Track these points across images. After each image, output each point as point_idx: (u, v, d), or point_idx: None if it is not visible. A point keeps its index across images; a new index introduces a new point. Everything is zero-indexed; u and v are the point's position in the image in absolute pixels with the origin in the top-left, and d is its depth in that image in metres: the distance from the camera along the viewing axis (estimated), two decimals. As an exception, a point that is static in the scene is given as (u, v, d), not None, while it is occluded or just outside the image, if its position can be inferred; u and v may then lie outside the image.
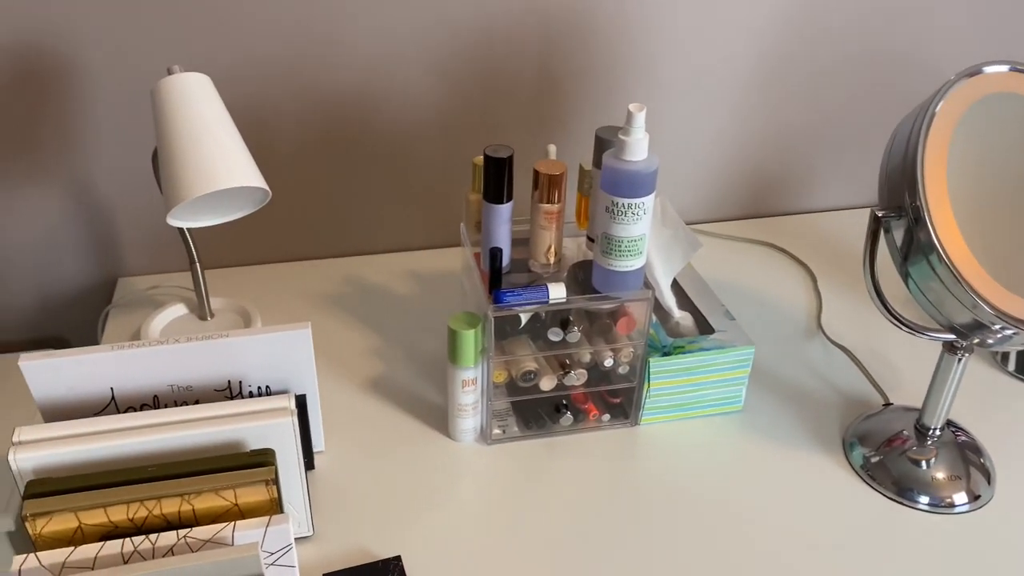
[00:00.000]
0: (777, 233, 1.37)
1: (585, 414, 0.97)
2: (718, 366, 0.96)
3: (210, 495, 0.73)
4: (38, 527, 0.70)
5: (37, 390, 0.78)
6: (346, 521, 0.86)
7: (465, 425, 0.95)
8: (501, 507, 0.88)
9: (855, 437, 0.97)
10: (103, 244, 1.20)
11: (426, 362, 1.08)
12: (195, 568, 0.67)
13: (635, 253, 0.87)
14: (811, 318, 1.18)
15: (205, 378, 0.82)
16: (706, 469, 0.93)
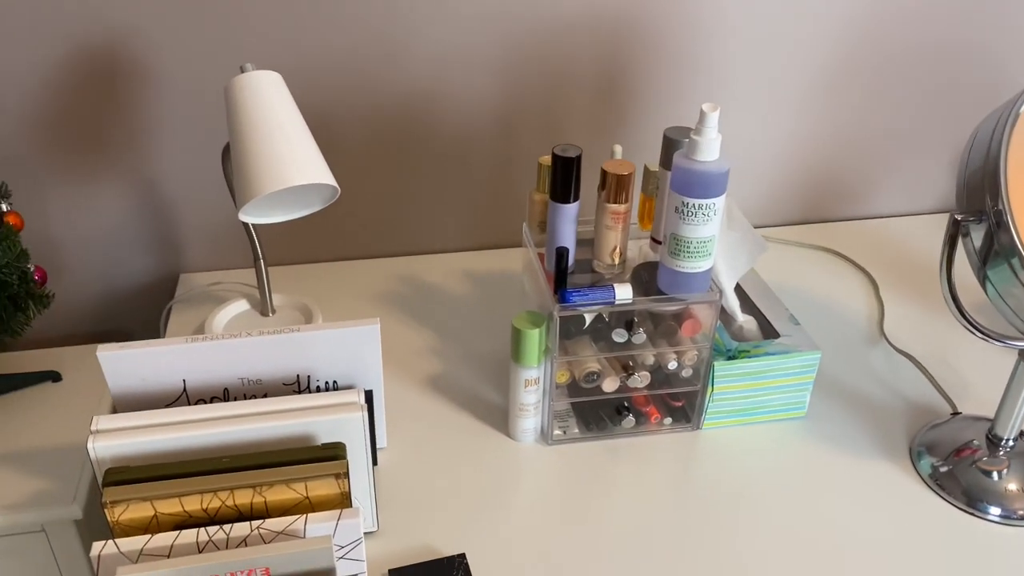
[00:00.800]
0: (837, 238, 1.35)
1: (647, 417, 0.97)
2: (783, 371, 0.95)
3: (281, 487, 0.73)
4: (116, 514, 0.71)
5: (112, 380, 0.79)
6: (409, 518, 0.87)
7: (526, 425, 0.94)
8: (563, 508, 0.88)
9: (922, 446, 0.96)
10: (167, 240, 1.22)
11: (485, 362, 1.08)
12: (269, 559, 0.68)
13: (704, 255, 0.86)
14: (873, 324, 1.16)
15: (274, 372, 0.83)
16: (769, 475, 0.92)
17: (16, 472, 1.00)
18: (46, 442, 1.04)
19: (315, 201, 0.95)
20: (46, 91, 1.08)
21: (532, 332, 0.87)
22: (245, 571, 0.68)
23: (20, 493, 0.97)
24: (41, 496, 0.97)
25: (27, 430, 1.06)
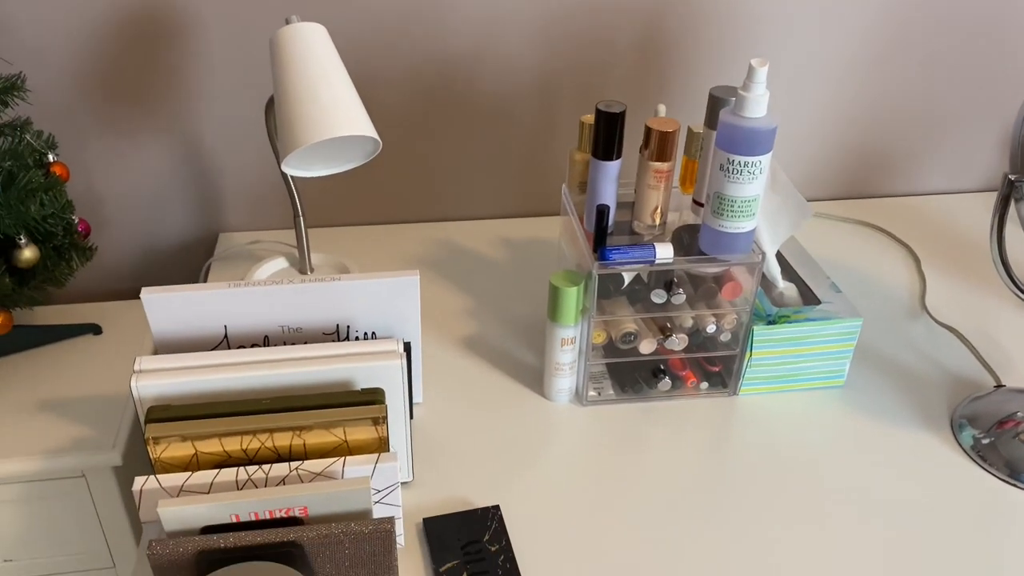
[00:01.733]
0: (879, 214, 1.33)
1: (683, 381, 0.96)
2: (823, 338, 0.94)
3: (321, 431, 0.74)
4: (158, 452, 0.72)
5: (155, 323, 0.80)
6: (444, 470, 0.87)
7: (561, 385, 0.94)
8: (596, 467, 0.88)
9: (964, 418, 0.94)
10: (207, 198, 1.23)
11: (521, 325, 1.08)
12: (307, 498, 0.69)
13: (747, 215, 0.85)
14: (915, 299, 1.14)
15: (315, 321, 0.83)
16: (806, 442, 0.91)
17: (58, 419, 1.02)
18: (87, 392, 1.06)
19: (356, 156, 0.95)
20: (92, 45, 1.09)
21: (570, 290, 0.87)
22: (283, 509, 0.69)
23: (61, 439, 0.99)
24: (82, 442, 0.99)
25: (68, 380, 1.08)
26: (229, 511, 0.68)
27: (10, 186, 0.96)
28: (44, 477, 0.98)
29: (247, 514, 0.68)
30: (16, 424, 1.01)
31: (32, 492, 1.00)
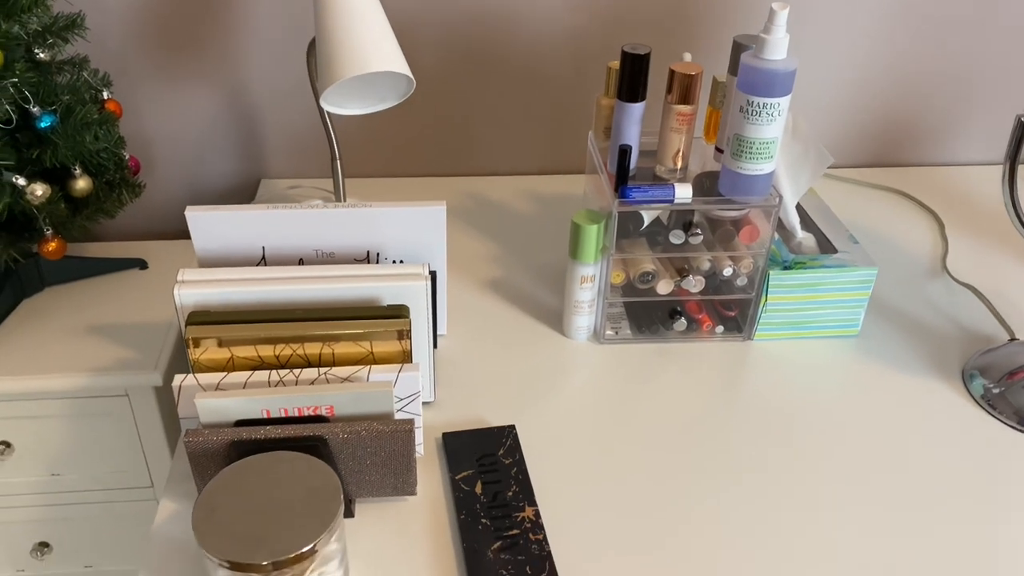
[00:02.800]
0: (906, 182, 1.34)
1: (699, 324, 0.99)
2: (839, 285, 0.96)
3: (348, 343, 0.78)
4: (197, 354, 0.77)
5: (198, 240, 0.85)
6: (464, 395, 0.91)
7: (580, 323, 0.98)
8: (610, 400, 0.91)
9: (975, 369, 0.96)
10: (250, 144, 1.29)
11: (544, 271, 1.11)
12: (334, 397, 0.73)
13: (766, 156, 0.88)
14: (936, 260, 1.16)
15: (347, 246, 0.88)
16: (818, 388, 0.94)
17: (104, 342, 1.08)
18: (132, 319, 1.12)
19: (391, 95, 0.99)
20: (147, -8, 1.15)
21: (590, 228, 0.90)
22: (311, 408, 0.74)
23: (107, 360, 1.05)
24: (126, 363, 1.05)
25: (115, 308, 1.14)
26: (261, 406, 0.73)
27: (68, 118, 1.02)
28: (90, 394, 1.05)
29: (278, 410, 0.73)
30: (65, 345, 1.07)
31: (78, 408, 1.06)
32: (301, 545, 0.62)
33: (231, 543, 0.62)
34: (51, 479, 1.12)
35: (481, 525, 0.75)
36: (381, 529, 0.76)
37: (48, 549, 1.18)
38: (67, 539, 1.18)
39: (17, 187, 0.98)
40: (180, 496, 0.78)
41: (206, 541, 0.63)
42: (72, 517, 1.16)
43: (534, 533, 0.74)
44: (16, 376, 1.02)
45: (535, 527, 0.75)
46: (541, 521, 0.76)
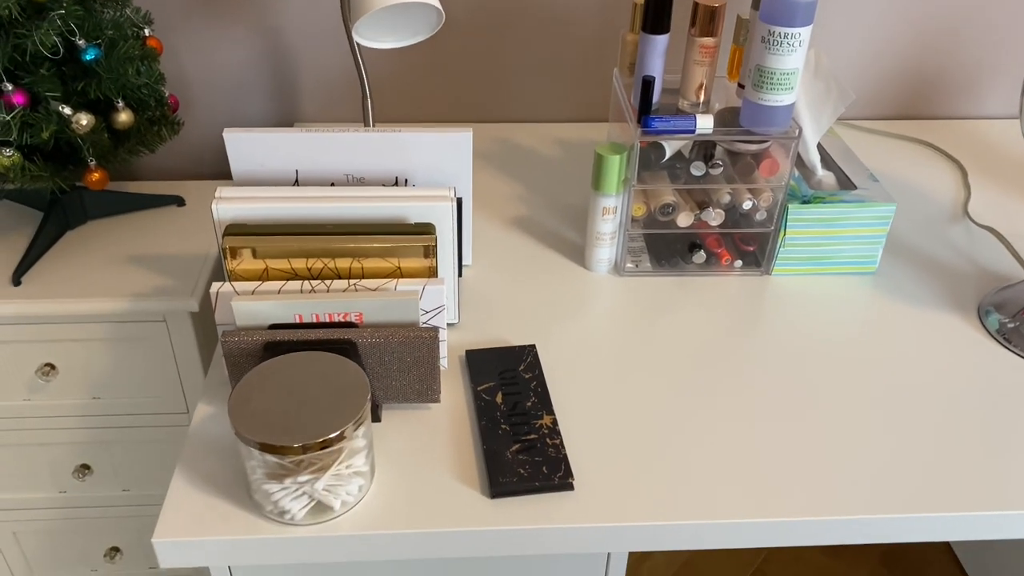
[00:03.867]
0: (929, 133, 1.34)
1: (718, 259, 1.01)
2: (857, 220, 0.98)
3: (377, 259, 0.82)
4: (233, 264, 0.81)
5: (235, 161, 0.89)
6: (487, 319, 0.94)
7: (601, 255, 1.00)
8: (628, 329, 0.94)
9: (991, 305, 0.97)
10: (283, 88, 1.33)
11: (568, 211, 1.14)
12: (363, 304, 0.77)
13: (786, 87, 0.89)
14: (958, 205, 1.16)
15: (376, 172, 0.91)
16: (835, 322, 0.95)
17: (143, 271, 1.13)
18: (170, 251, 1.17)
19: (421, 30, 1.02)
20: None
21: (613, 158, 0.93)
22: (341, 314, 0.77)
23: (146, 287, 1.10)
24: (164, 289, 1.09)
25: (153, 241, 1.18)
26: (294, 311, 0.77)
27: (111, 52, 1.06)
28: (129, 319, 1.09)
29: (310, 315, 0.77)
30: (106, 273, 1.12)
31: (119, 333, 1.10)
32: (330, 431, 0.66)
33: (264, 428, 0.66)
34: (92, 402, 1.17)
35: (501, 430, 0.78)
36: (406, 433, 0.79)
37: (89, 471, 1.24)
38: (106, 462, 1.23)
39: (63, 116, 1.02)
40: (216, 400, 0.82)
41: (241, 426, 0.66)
42: (111, 440, 1.21)
43: (551, 438, 0.77)
44: (61, 299, 1.07)
45: (552, 433, 0.78)
46: (558, 428, 0.79)
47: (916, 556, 1.64)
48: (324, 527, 0.70)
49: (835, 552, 1.64)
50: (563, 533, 0.71)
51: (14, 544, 1.32)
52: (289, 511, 0.69)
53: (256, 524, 0.70)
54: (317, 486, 0.68)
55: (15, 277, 1.09)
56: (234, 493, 0.73)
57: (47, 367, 1.13)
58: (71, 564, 1.35)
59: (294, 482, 0.68)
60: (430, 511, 0.72)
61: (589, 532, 0.71)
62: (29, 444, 1.20)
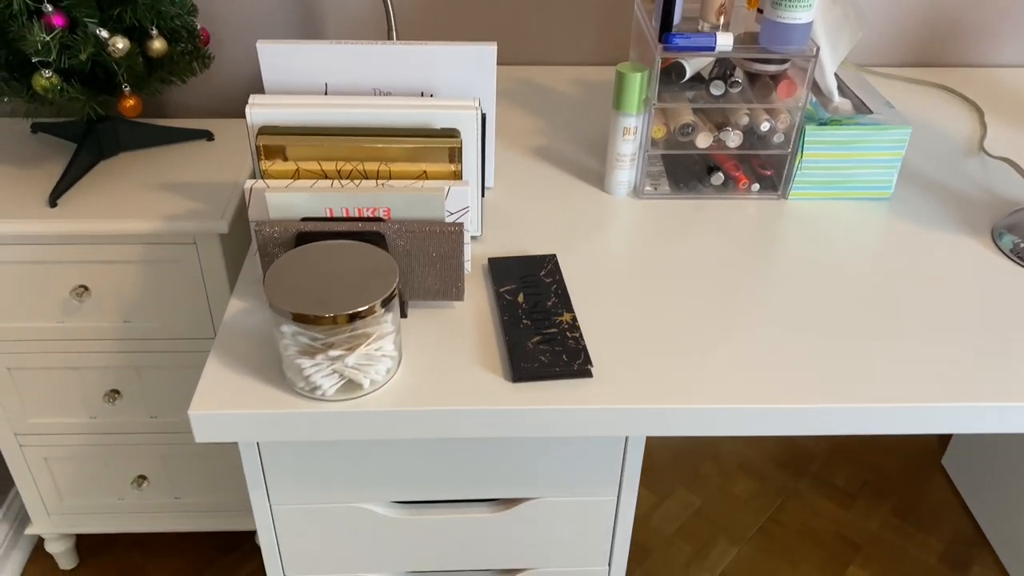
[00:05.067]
0: (948, 79, 1.36)
1: (735, 182, 1.03)
2: (873, 143, 1.00)
3: (404, 163, 0.84)
4: (266, 165, 0.84)
5: (267, 72, 0.91)
6: (509, 234, 0.97)
7: (621, 177, 1.03)
8: (646, 246, 0.96)
9: (1005, 227, 0.99)
10: (309, 28, 1.35)
11: (588, 142, 1.16)
12: (391, 199, 0.79)
13: (804, 5, 0.91)
14: (974, 142, 1.18)
15: (402, 86, 0.93)
16: (850, 244, 0.97)
17: (174, 196, 1.16)
18: (200, 179, 1.20)
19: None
20: None
21: (634, 76, 0.95)
22: (370, 209, 0.80)
23: (177, 210, 1.13)
24: (194, 212, 1.13)
25: (184, 170, 1.22)
26: (324, 204, 0.79)
27: (146, -20, 1.09)
28: (161, 240, 1.13)
29: (340, 209, 0.80)
30: (139, 197, 1.15)
31: (150, 254, 1.14)
32: (361, 305, 0.69)
33: (298, 301, 0.69)
34: (123, 326, 1.21)
35: (522, 325, 0.81)
36: (432, 328, 0.82)
37: (119, 396, 1.28)
38: (135, 387, 1.27)
39: (101, 39, 1.06)
40: (248, 297, 0.85)
41: (276, 298, 0.69)
42: (141, 365, 1.25)
43: (571, 332, 0.80)
44: (95, 219, 1.10)
45: (572, 327, 0.81)
46: (578, 324, 0.81)
47: (927, 507, 1.65)
48: (353, 404, 0.73)
49: (847, 503, 1.66)
50: (581, 415, 0.74)
51: (45, 470, 1.36)
52: (320, 387, 0.72)
53: (288, 400, 0.73)
54: (348, 362, 0.71)
55: (51, 199, 1.13)
56: (267, 374, 0.76)
57: (80, 288, 1.16)
58: (100, 491, 1.39)
59: (325, 358, 0.71)
60: (454, 393, 0.74)
61: (606, 414, 0.74)
62: (61, 368, 1.24)
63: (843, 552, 1.57)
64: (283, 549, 0.89)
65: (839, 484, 1.70)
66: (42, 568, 1.51)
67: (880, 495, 1.68)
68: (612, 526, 0.88)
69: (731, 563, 1.55)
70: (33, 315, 1.19)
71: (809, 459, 1.76)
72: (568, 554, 0.90)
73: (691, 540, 1.59)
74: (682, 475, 1.72)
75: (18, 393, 1.26)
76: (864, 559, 1.56)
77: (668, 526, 1.62)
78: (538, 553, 0.90)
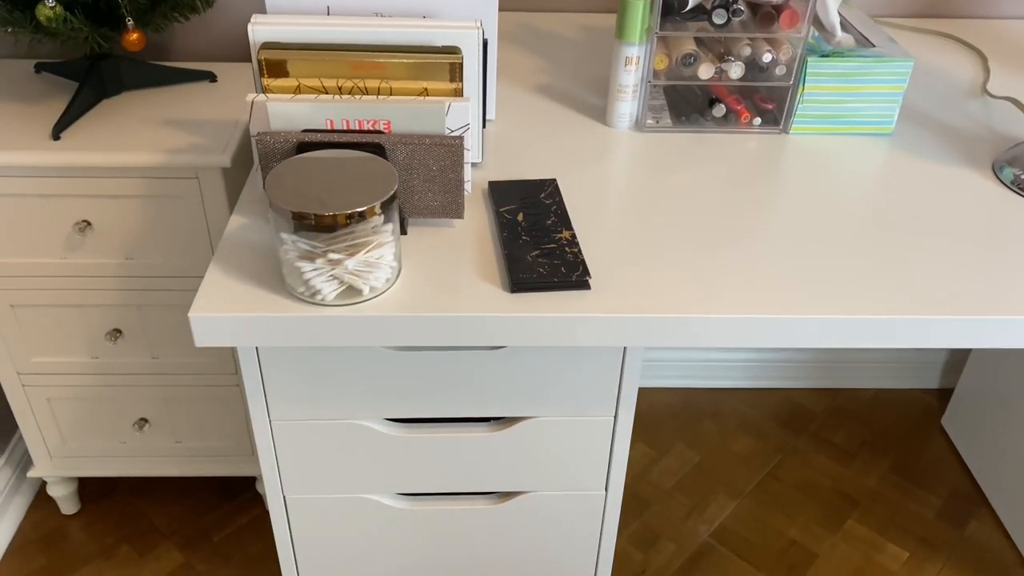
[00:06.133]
0: (950, 28, 1.35)
1: (737, 116, 1.03)
2: (875, 76, 1.00)
3: (405, 81, 0.84)
4: (268, 80, 0.84)
5: None
6: (510, 162, 0.97)
7: (622, 110, 1.03)
8: (647, 176, 0.96)
9: (1005, 161, 0.99)
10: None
11: (591, 81, 1.16)
12: (391, 111, 0.80)
13: (807, -70, 0.91)
14: (976, 85, 1.18)
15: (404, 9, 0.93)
16: (852, 175, 0.97)
17: (176, 132, 1.16)
18: (203, 116, 1.20)
19: None
20: None
21: (637, 3, 0.95)
22: (370, 121, 0.80)
23: (180, 144, 1.13)
24: (197, 147, 1.13)
25: (186, 109, 1.22)
26: (325, 115, 0.80)
27: (149, -88, 1.09)
28: (163, 174, 1.13)
29: (340, 121, 0.80)
30: (141, 133, 1.15)
31: (152, 189, 1.14)
32: (360, 205, 0.69)
33: (298, 200, 0.70)
34: (125, 263, 1.21)
35: (522, 240, 0.81)
36: (431, 245, 0.82)
37: (120, 335, 1.28)
38: (137, 327, 1.28)
39: (104, -32, 1.06)
40: (250, 214, 0.86)
41: (276, 198, 0.70)
42: (143, 304, 1.25)
43: (570, 247, 0.80)
44: (97, 151, 1.11)
45: (571, 243, 0.81)
46: (577, 240, 0.82)
47: (926, 465, 1.66)
48: (352, 309, 0.73)
49: (846, 461, 1.67)
50: (579, 323, 0.74)
51: (47, 411, 1.36)
52: (320, 291, 0.73)
53: (288, 305, 0.74)
54: (347, 266, 0.72)
55: (55, 131, 1.13)
56: (267, 282, 0.76)
57: (83, 223, 1.17)
58: (102, 434, 1.40)
59: (325, 262, 0.72)
60: (453, 302, 0.75)
61: (603, 323, 0.74)
62: (64, 305, 1.25)
63: (841, 507, 1.58)
64: (282, 468, 0.89)
65: (838, 442, 1.71)
66: (44, 513, 1.52)
67: (879, 453, 1.68)
68: (609, 447, 0.88)
69: (729, 516, 1.56)
70: (37, 250, 1.19)
71: (809, 418, 1.76)
72: (566, 476, 0.91)
73: (690, 494, 1.60)
74: (682, 432, 1.73)
75: (21, 331, 1.27)
76: (862, 514, 1.56)
77: (667, 480, 1.62)
78: (536, 475, 0.91)
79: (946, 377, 1.82)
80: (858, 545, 1.51)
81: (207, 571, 1.44)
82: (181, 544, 1.48)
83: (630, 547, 1.49)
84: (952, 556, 1.49)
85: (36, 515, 1.52)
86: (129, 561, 1.45)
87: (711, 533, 1.52)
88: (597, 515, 0.94)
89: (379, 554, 0.98)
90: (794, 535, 1.52)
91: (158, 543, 1.48)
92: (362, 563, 0.98)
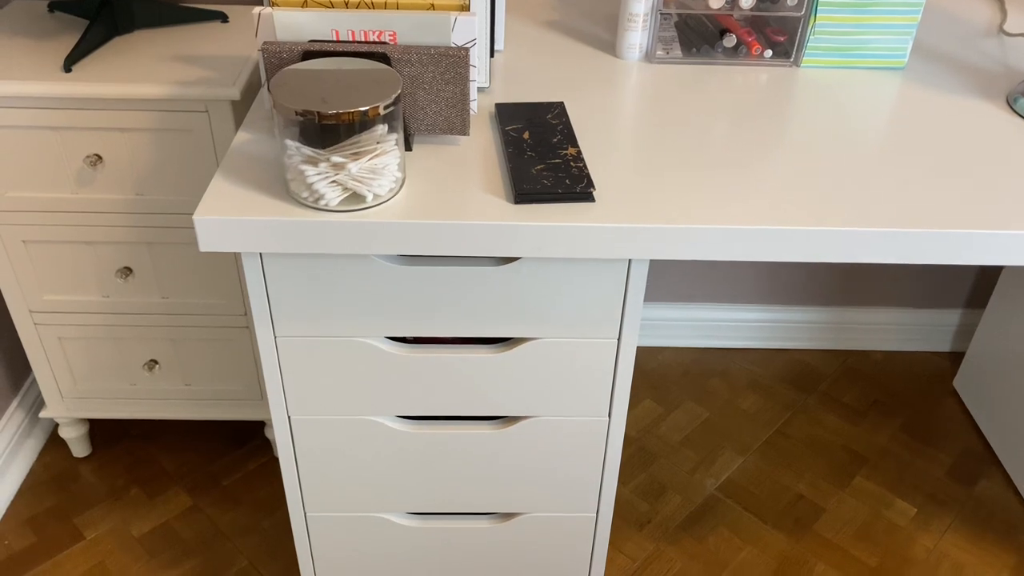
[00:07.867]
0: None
1: (748, 47, 1.02)
2: (888, 6, 0.98)
3: (412, -2, 0.84)
4: (275, -4, 0.84)
5: (279, -84, 0.91)
6: (517, 88, 0.96)
7: (632, 40, 1.02)
8: (656, 104, 0.95)
9: (1020, 93, 0.97)
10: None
11: (599, 16, 1.15)
12: (397, 21, 0.79)
13: None
14: (993, 25, 1.16)
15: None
16: (863, 105, 0.96)
17: (187, 67, 1.16)
18: (213, 53, 1.20)
19: None
20: None
21: (648, -70, 0.94)
22: (376, 32, 0.80)
23: (189, 77, 1.14)
24: (207, 80, 1.13)
25: (197, 46, 1.22)
26: (331, 24, 0.80)
27: None
28: (173, 107, 1.13)
29: (345, 31, 0.80)
30: (151, 67, 1.16)
31: (163, 122, 1.15)
32: (363, 105, 0.69)
33: (302, 99, 0.70)
34: (136, 199, 1.22)
35: (527, 156, 0.81)
36: (436, 160, 0.82)
37: (131, 274, 1.29)
38: (147, 265, 1.28)
39: None
40: (255, 131, 0.86)
41: (280, 97, 0.70)
42: (153, 241, 1.26)
43: (575, 162, 0.80)
44: (108, 82, 1.11)
45: (576, 159, 0.81)
46: (582, 156, 0.81)
47: (937, 425, 1.65)
48: (355, 215, 0.73)
49: (855, 420, 1.66)
50: (582, 233, 0.74)
51: (59, 351, 1.38)
52: (324, 196, 0.73)
53: (292, 210, 0.74)
54: (351, 169, 0.72)
55: (66, 64, 1.14)
56: (272, 190, 0.76)
57: (94, 157, 1.17)
58: (112, 375, 1.41)
59: (329, 166, 0.72)
60: (456, 211, 0.75)
61: (607, 232, 0.74)
62: (75, 242, 1.26)
63: (850, 463, 1.57)
64: (287, 387, 0.90)
65: (848, 402, 1.70)
66: (56, 455, 1.54)
67: (889, 413, 1.67)
68: (613, 370, 0.88)
69: (737, 470, 1.55)
70: (49, 185, 1.20)
71: (818, 378, 1.75)
72: (569, 401, 0.91)
73: (697, 449, 1.59)
74: (690, 389, 1.72)
75: (33, 268, 1.28)
76: (870, 471, 1.56)
77: (675, 435, 1.62)
78: (540, 399, 0.91)
79: (958, 340, 1.81)
80: (866, 500, 1.50)
81: (216, 514, 1.45)
82: (190, 487, 1.49)
83: (636, 498, 1.50)
84: (961, 513, 1.48)
85: (48, 457, 1.54)
86: (139, 502, 1.46)
87: (718, 487, 1.52)
88: (600, 442, 0.94)
89: (382, 478, 0.98)
90: (801, 490, 1.52)
91: (168, 486, 1.49)
92: (365, 486, 0.99)
